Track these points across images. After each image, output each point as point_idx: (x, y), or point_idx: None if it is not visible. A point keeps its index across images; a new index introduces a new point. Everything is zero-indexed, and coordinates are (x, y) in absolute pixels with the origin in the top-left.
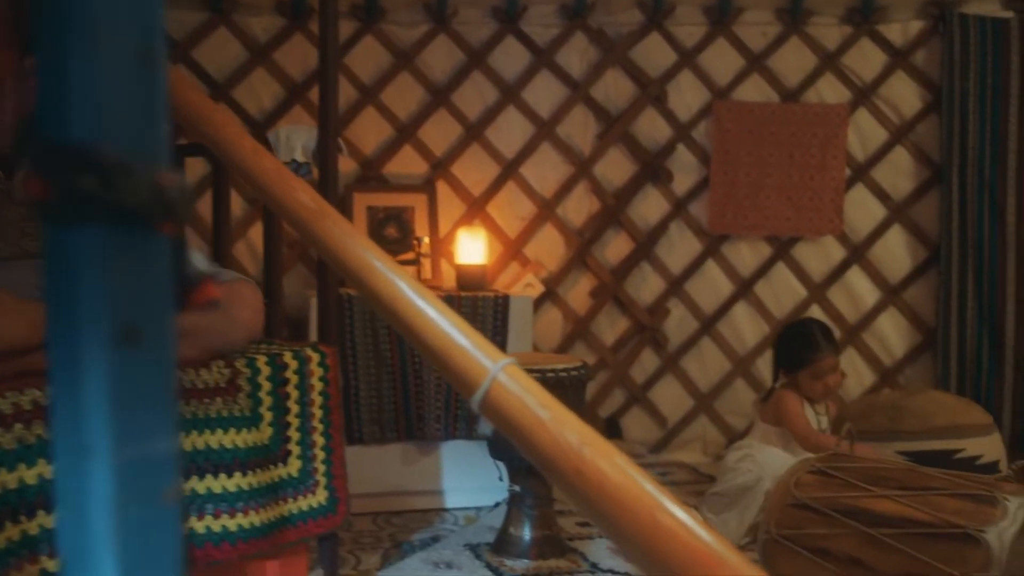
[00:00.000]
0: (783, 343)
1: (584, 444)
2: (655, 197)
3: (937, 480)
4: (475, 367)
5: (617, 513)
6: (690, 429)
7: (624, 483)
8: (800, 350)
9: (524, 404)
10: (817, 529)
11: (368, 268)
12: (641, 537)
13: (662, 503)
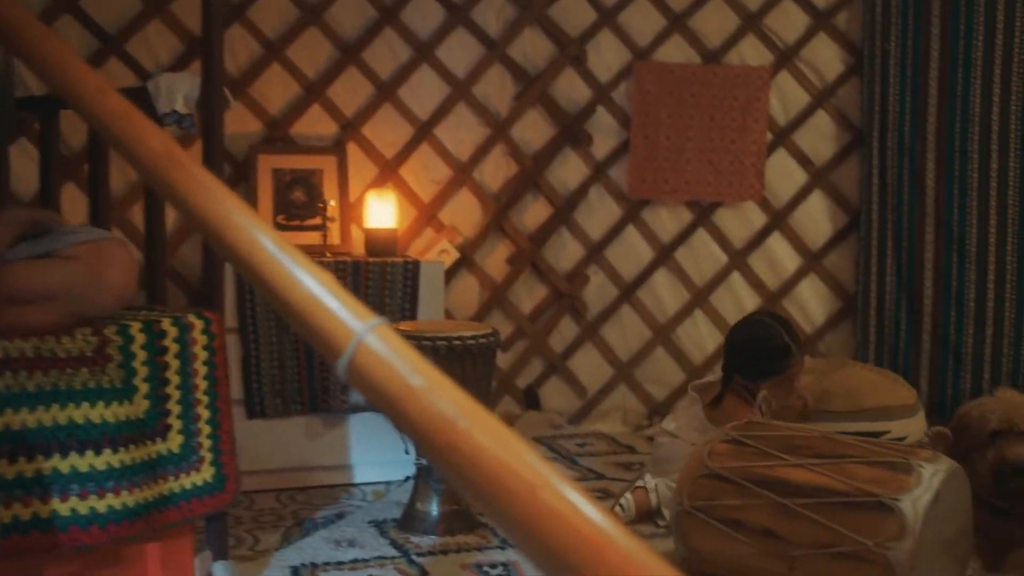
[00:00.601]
0: (747, 354)
1: (460, 415)
2: (574, 161)
3: (852, 448)
4: (340, 329)
5: (493, 490)
6: (610, 399)
7: (502, 457)
8: (769, 362)
9: (393, 370)
10: (731, 500)
11: (224, 220)
12: (519, 516)
13: (544, 479)
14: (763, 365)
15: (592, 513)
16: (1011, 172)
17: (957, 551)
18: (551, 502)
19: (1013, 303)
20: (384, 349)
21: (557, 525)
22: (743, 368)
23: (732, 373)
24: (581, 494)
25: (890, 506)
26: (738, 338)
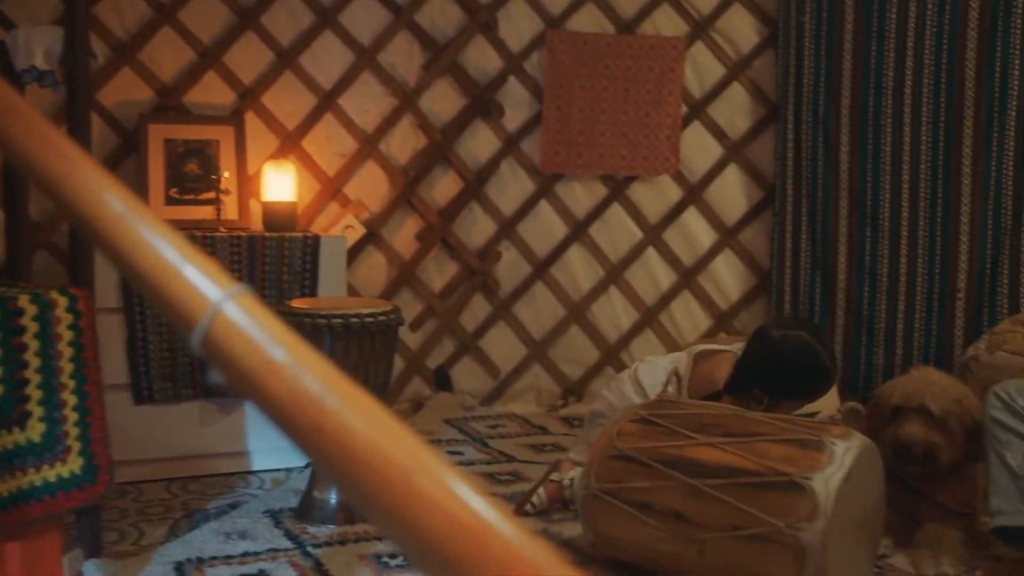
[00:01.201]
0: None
1: (327, 392)
2: (485, 133)
3: (763, 425)
4: (195, 298)
5: (364, 475)
6: (523, 379)
7: (373, 439)
8: (807, 387)
9: (252, 343)
10: (639, 482)
11: (64, 177)
12: (392, 504)
13: (420, 464)
14: (798, 389)
15: (472, 500)
16: (923, 146)
17: (869, 529)
18: (427, 488)
19: (924, 278)
20: (244, 320)
21: (433, 513)
22: (774, 386)
23: (753, 384)
24: (461, 479)
25: (802, 485)
26: (781, 353)
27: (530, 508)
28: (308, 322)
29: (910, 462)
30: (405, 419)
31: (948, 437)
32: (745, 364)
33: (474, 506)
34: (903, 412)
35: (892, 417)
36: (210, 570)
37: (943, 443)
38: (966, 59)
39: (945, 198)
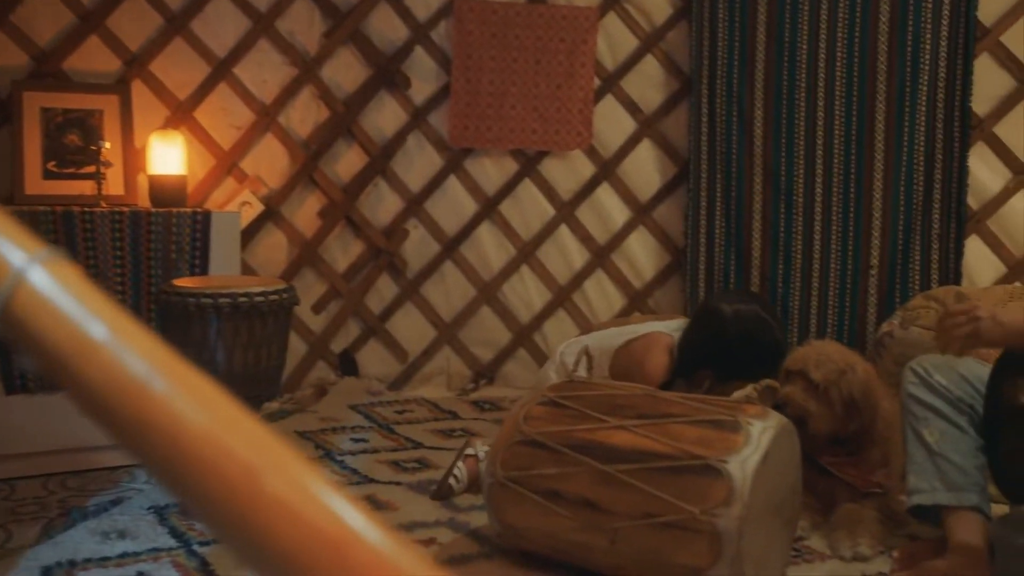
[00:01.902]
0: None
1: (155, 375)
2: (391, 106)
3: (677, 406)
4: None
5: (200, 475)
6: (433, 362)
7: (212, 432)
8: (760, 366)
9: (63, 317)
10: (547, 468)
11: None
12: (235, 511)
13: (271, 461)
14: (751, 368)
15: (333, 503)
16: (836, 121)
17: (787, 512)
18: (278, 491)
19: (838, 255)
20: (54, 290)
21: (285, 520)
22: (725, 365)
23: (702, 366)
24: (320, 479)
25: (717, 469)
26: (735, 331)
27: (454, 484)
28: (192, 302)
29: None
30: (309, 405)
31: (826, 406)
32: (692, 344)
33: (335, 511)
34: (788, 375)
35: (785, 380)
36: (82, 574)
37: (816, 411)
38: (879, 34)
39: (858, 174)
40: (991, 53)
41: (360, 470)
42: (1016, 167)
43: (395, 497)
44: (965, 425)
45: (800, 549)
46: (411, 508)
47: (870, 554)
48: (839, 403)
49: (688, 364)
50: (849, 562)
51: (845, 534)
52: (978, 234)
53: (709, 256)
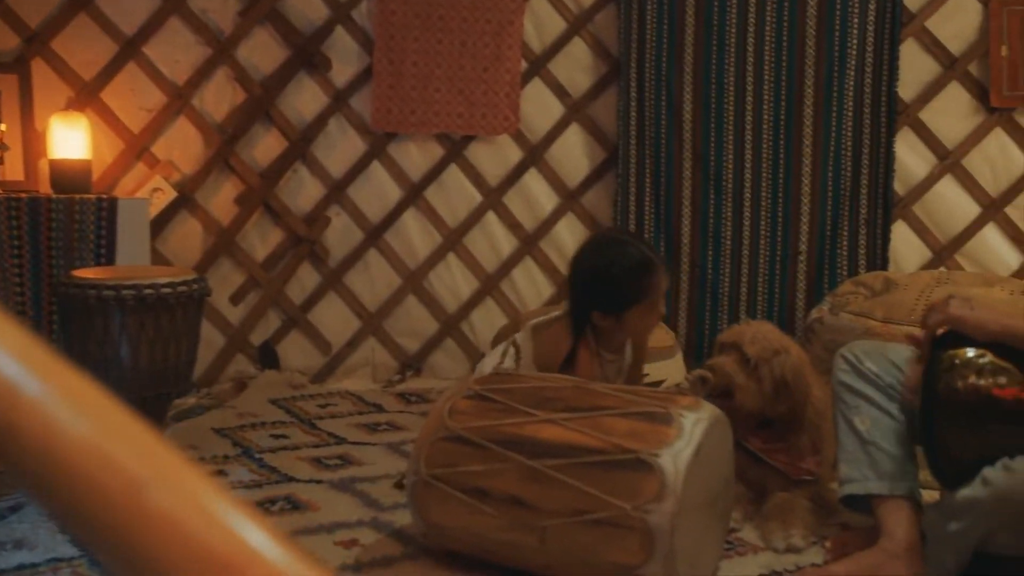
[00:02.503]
0: (608, 282)
1: (26, 376)
2: (311, 88)
3: (607, 398)
4: None
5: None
6: (358, 354)
7: (92, 441)
8: (636, 283)
9: None
10: (473, 465)
11: None
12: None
13: (160, 474)
14: (630, 290)
15: (229, 519)
16: (765, 105)
17: (719, 505)
18: (165, 506)
19: (767, 241)
20: None
21: (173, 539)
22: (605, 300)
23: (589, 311)
24: (214, 492)
25: (649, 463)
26: (592, 265)
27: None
28: (93, 294)
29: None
30: (227, 400)
31: (755, 382)
32: (573, 296)
33: (230, 528)
34: (722, 348)
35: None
36: None
37: (744, 384)
38: (807, 18)
39: (787, 159)
40: (916, 39)
41: (279, 468)
42: (941, 153)
43: (316, 496)
44: (896, 412)
45: (733, 541)
46: (332, 508)
47: (803, 545)
48: (769, 381)
49: (579, 320)
50: (782, 554)
51: (777, 525)
52: (904, 219)
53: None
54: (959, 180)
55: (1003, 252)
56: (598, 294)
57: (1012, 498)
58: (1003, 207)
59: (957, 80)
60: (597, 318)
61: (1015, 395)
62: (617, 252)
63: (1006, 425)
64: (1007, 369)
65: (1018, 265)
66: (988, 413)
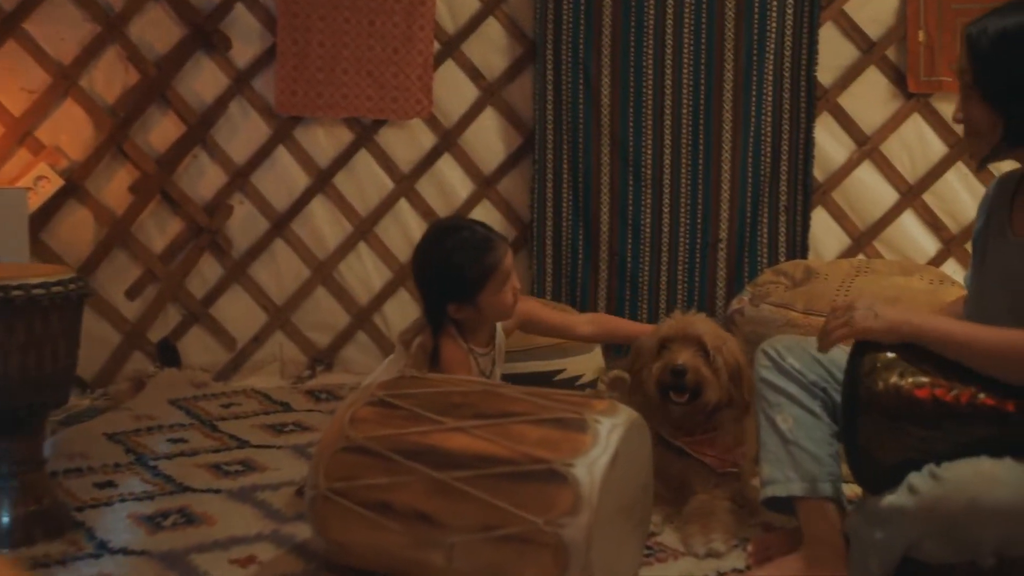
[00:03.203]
0: (451, 269)
1: None
2: (210, 69)
3: (519, 403)
4: None
5: None
6: (264, 349)
7: None
8: (479, 263)
9: None
10: (376, 478)
11: None
12: None
13: None
14: (475, 273)
15: None
16: (684, 90)
17: (637, 513)
18: None
19: (687, 229)
20: None
21: None
22: (455, 290)
23: (442, 305)
24: None
25: (562, 474)
26: (432, 259)
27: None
28: None
29: (677, 392)
30: (124, 401)
31: (715, 374)
32: (423, 294)
33: None
34: (674, 342)
35: (659, 352)
36: None
37: (711, 378)
38: (726, 1)
39: (707, 145)
40: (835, 22)
41: (175, 477)
42: (859, 138)
43: (212, 508)
44: (819, 410)
45: (652, 547)
46: (230, 521)
47: (724, 549)
48: (724, 370)
49: (435, 317)
50: (703, 559)
51: (698, 528)
52: (824, 206)
53: (556, 231)
54: (878, 166)
55: (920, 239)
56: (446, 286)
57: (939, 508)
58: (920, 194)
59: (875, 65)
60: (453, 311)
61: (933, 395)
62: (453, 239)
63: (927, 427)
64: (926, 370)
65: (935, 252)
66: (909, 415)
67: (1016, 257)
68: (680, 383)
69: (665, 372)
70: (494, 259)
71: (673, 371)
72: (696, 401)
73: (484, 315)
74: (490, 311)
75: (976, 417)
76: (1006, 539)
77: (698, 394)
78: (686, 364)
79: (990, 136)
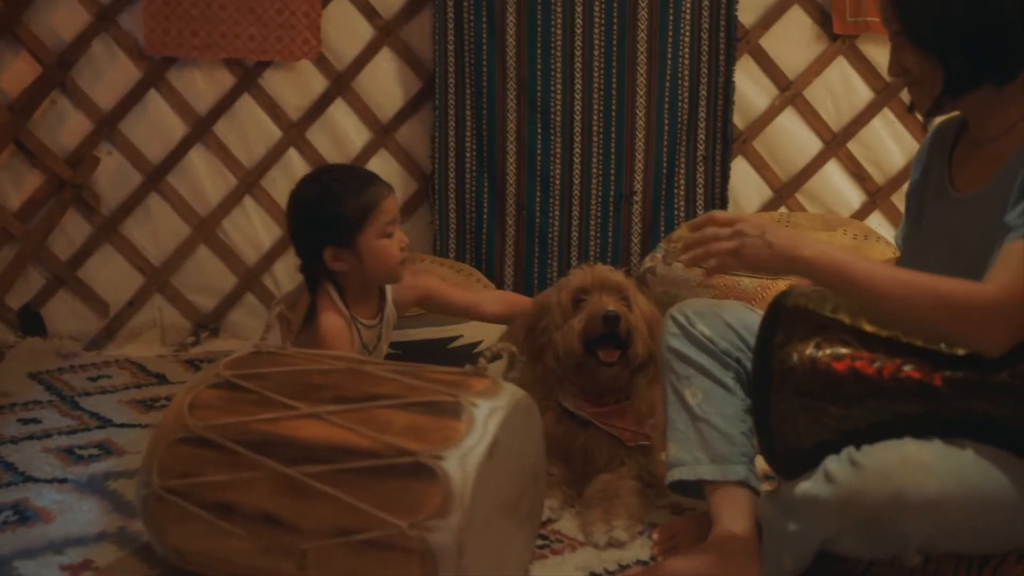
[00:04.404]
0: (322, 211)
1: None
2: (68, 3)
3: (386, 384)
4: None
5: None
6: (142, 314)
7: None
8: (354, 201)
9: None
10: (218, 475)
11: None
12: None
13: None
14: (353, 208)
15: None
16: (596, 29)
17: (525, 505)
18: None
19: (599, 181)
20: None
21: None
22: (331, 230)
23: (318, 252)
24: None
25: (431, 468)
26: (307, 196)
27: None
28: None
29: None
30: None
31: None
32: (298, 243)
33: None
34: (591, 293)
35: (574, 309)
36: None
37: (641, 327)
38: None
39: (620, 89)
40: None
41: (18, 465)
42: (782, 83)
43: (53, 503)
44: (731, 383)
45: (548, 536)
46: (70, 518)
47: (626, 538)
48: (643, 322)
49: (311, 269)
50: (603, 550)
51: (600, 514)
52: (744, 156)
53: (460, 183)
54: (800, 113)
55: (845, 190)
56: (321, 226)
57: (859, 501)
58: (845, 142)
59: (799, 4)
60: (331, 258)
61: (853, 369)
62: (331, 174)
63: (846, 405)
64: (846, 340)
65: (860, 205)
66: (826, 392)
67: (959, 215)
68: (614, 332)
69: (594, 322)
70: (375, 195)
71: (606, 318)
72: (625, 356)
73: (366, 268)
74: (373, 263)
75: (900, 393)
76: (934, 535)
77: (627, 347)
78: (620, 310)
79: (931, 87)
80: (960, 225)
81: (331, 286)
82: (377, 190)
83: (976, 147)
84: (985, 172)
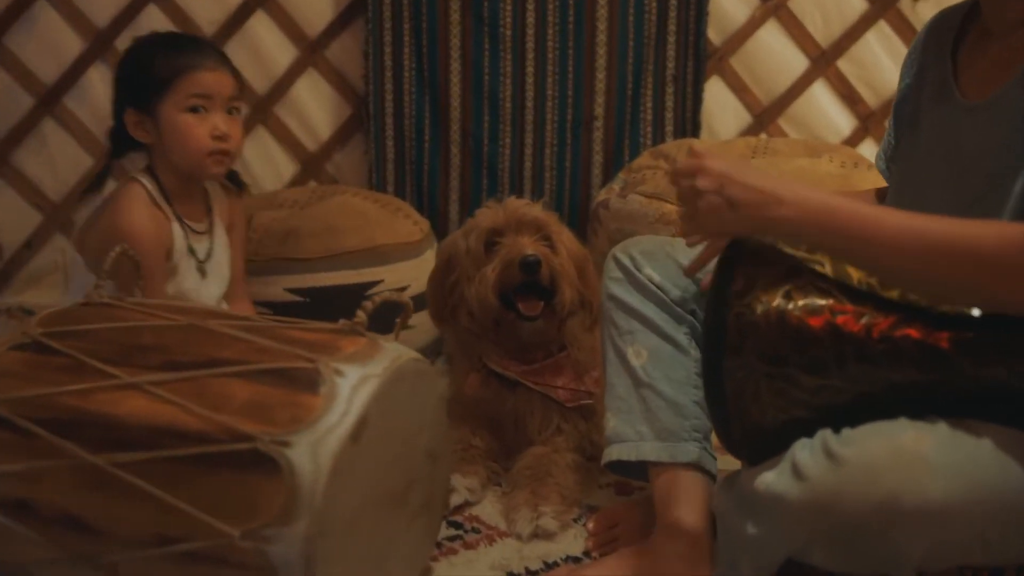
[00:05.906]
0: (128, 67)
1: None
2: None
3: (232, 346)
4: None
5: None
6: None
7: None
8: (168, 57)
9: None
10: (11, 463)
11: None
12: None
13: None
14: (161, 66)
15: None
16: None
17: (420, 492)
18: None
19: (555, 104)
20: None
21: None
22: (132, 86)
23: (121, 115)
24: None
25: (272, 458)
26: (128, 51)
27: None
28: None
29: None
30: None
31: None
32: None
33: None
34: (504, 234)
35: (487, 255)
36: None
37: (567, 269)
38: None
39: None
40: None
41: None
42: None
43: None
44: (684, 341)
45: (463, 525)
46: None
47: (555, 528)
48: (570, 263)
49: (116, 138)
50: (527, 542)
51: (526, 497)
52: (720, 75)
53: (397, 106)
54: (784, 26)
55: (834, 115)
56: (123, 81)
57: (838, 506)
58: (835, 60)
59: None
60: (131, 123)
61: (833, 325)
62: (162, 34)
63: (823, 372)
64: (825, 288)
65: (850, 131)
66: (797, 354)
67: (968, 126)
68: (534, 280)
69: (511, 269)
70: (189, 60)
71: (524, 264)
72: (551, 306)
73: (168, 146)
74: (172, 140)
75: (894, 357)
76: (936, 549)
77: (551, 296)
78: (540, 253)
79: None
80: (969, 139)
81: (147, 176)
82: (194, 58)
83: (989, 40)
84: (1001, 72)
